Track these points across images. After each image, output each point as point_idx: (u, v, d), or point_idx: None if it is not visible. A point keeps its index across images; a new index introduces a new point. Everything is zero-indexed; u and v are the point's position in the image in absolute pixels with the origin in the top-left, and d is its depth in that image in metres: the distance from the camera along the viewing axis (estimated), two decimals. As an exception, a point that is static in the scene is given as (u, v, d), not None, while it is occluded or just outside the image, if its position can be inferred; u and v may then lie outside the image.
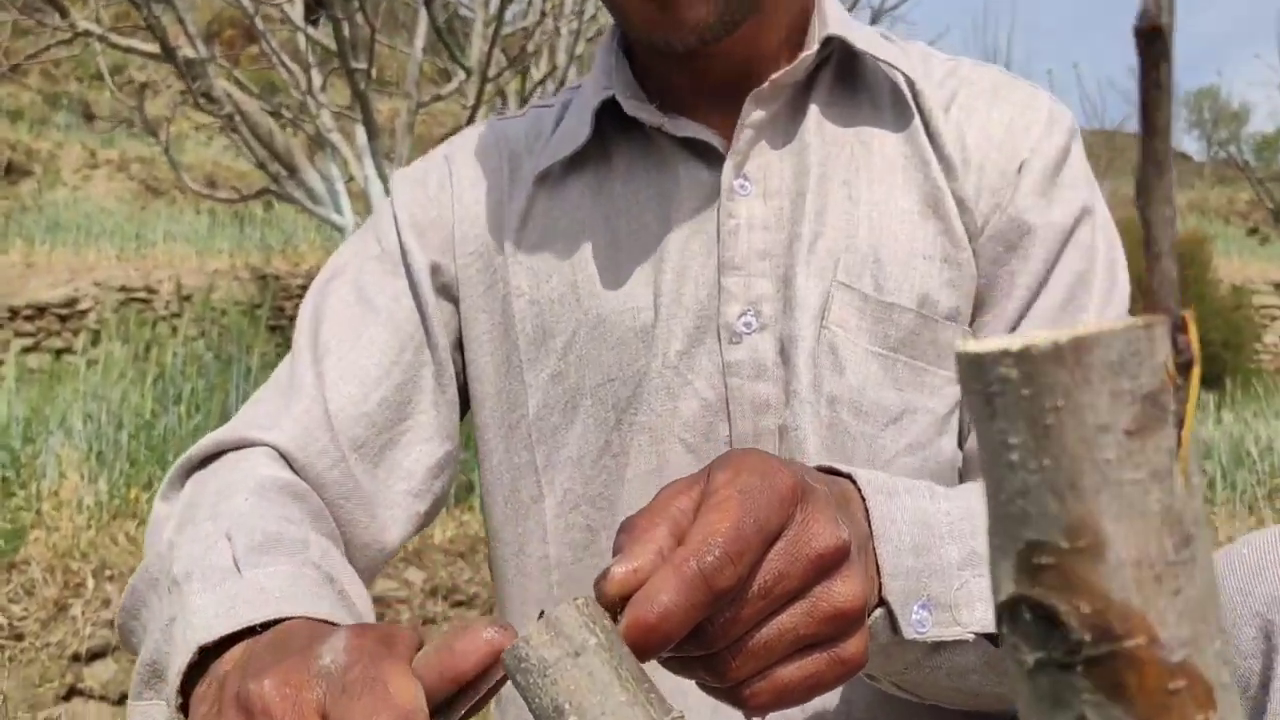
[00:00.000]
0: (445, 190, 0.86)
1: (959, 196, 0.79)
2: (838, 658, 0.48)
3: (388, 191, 0.81)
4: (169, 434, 4.23)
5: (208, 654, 0.52)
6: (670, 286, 0.78)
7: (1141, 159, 0.22)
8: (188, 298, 8.11)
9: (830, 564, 0.48)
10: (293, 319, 8.24)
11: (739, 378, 0.76)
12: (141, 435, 4.12)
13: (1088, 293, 0.78)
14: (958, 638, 0.57)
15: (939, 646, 0.58)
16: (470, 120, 4.25)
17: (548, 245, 0.82)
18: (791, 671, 0.47)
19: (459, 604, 3.50)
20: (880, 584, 0.55)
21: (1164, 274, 0.23)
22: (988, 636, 0.59)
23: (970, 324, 0.79)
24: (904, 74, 0.81)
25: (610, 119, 0.82)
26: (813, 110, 0.82)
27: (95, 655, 3.14)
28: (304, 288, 8.52)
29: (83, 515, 3.60)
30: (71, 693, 3.10)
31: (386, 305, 0.81)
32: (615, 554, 0.46)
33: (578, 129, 0.83)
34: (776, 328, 0.77)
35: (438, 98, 5.02)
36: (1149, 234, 0.23)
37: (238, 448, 0.75)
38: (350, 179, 5.22)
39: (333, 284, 0.83)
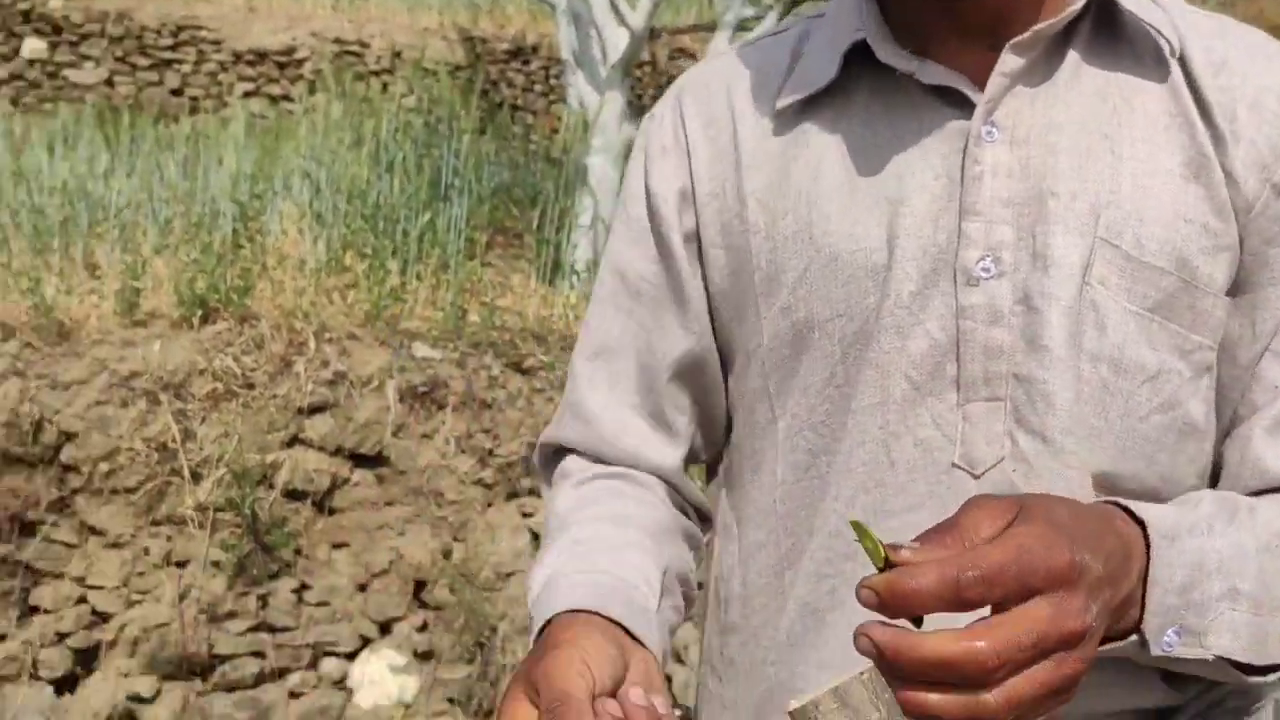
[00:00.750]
0: (680, 134, 0.89)
1: (1227, 170, 0.77)
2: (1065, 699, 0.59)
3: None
4: (382, 201, 4.43)
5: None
6: (908, 228, 0.79)
7: None
8: (398, 54, 8.24)
9: (1073, 642, 0.58)
10: (496, 84, 8.31)
11: (973, 321, 0.78)
12: (356, 202, 4.33)
13: None
14: (1198, 657, 0.67)
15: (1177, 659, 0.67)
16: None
17: (783, 182, 0.83)
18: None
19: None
20: (1141, 619, 0.66)
21: None
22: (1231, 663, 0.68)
23: (1230, 296, 0.79)
24: (1168, 40, 0.79)
25: (856, 58, 0.82)
26: (1070, 59, 0.80)
27: (315, 409, 3.44)
28: (509, 52, 8.52)
29: (304, 276, 3.85)
30: (294, 441, 3.42)
31: (637, 275, 0.90)
32: (919, 539, 0.58)
33: (824, 68, 0.83)
34: (1017, 276, 0.77)
35: None
36: None
37: (560, 448, 0.94)
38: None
39: (602, 277, 0.94)
